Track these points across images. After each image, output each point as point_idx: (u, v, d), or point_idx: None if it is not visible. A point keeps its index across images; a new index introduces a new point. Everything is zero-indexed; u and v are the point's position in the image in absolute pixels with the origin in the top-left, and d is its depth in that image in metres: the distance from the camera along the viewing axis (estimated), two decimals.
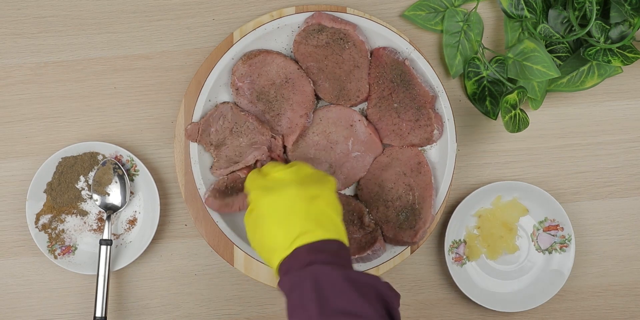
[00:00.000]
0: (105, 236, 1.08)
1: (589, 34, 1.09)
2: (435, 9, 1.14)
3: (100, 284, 1.07)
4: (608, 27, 1.09)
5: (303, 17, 1.10)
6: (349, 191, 1.12)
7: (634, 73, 1.17)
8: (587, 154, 1.16)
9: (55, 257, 1.10)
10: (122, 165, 1.10)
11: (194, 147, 1.09)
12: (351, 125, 1.11)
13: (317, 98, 1.12)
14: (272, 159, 1.09)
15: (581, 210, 1.16)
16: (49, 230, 1.10)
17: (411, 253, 1.12)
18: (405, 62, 1.09)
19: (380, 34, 1.11)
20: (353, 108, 1.12)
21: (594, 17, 1.07)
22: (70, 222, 1.11)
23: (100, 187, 1.10)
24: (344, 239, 0.92)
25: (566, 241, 1.13)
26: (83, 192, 1.11)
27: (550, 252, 1.14)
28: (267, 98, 1.10)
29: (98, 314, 1.06)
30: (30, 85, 1.14)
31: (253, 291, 1.13)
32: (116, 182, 1.10)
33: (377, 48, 1.10)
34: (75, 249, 1.11)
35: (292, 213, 0.92)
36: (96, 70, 1.14)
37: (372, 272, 1.11)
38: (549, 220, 1.14)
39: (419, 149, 1.11)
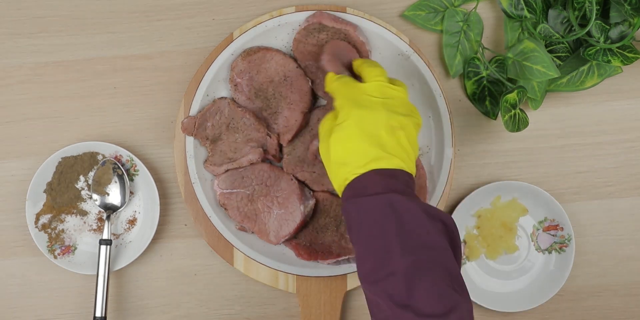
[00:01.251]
0: (105, 236, 1.09)
1: (588, 34, 1.09)
2: (435, 9, 1.14)
3: (100, 283, 1.07)
4: (608, 27, 1.09)
5: (304, 15, 1.10)
6: None
7: (634, 73, 1.17)
8: (587, 154, 1.16)
9: (55, 257, 1.10)
10: (122, 165, 1.10)
11: (189, 141, 1.09)
12: None
13: (315, 97, 1.12)
14: (267, 159, 1.10)
15: (581, 210, 1.16)
16: (49, 230, 1.10)
17: None
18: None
19: (380, 35, 1.11)
20: None
21: (594, 17, 1.07)
22: (70, 222, 1.11)
23: (99, 187, 1.10)
24: (414, 175, 0.92)
25: (566, 241, 1.13)
26: (83, 192, 1.12)
27: (550, 252, 1.14)
28: (265, 95, 1.10)
29: (98, 314, 1.06)
30: (30, 85, 1.14)
31: (253, 291, 1.13)
32: (116, 182, 1.10)
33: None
34: (75, 248, 1.11)
35: (375, 135, 0.90)
36: (96, 70, 1.14)
37: None
38: (549, 220, 1.14)
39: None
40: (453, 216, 1.12)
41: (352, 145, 0.90)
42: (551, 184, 1.16)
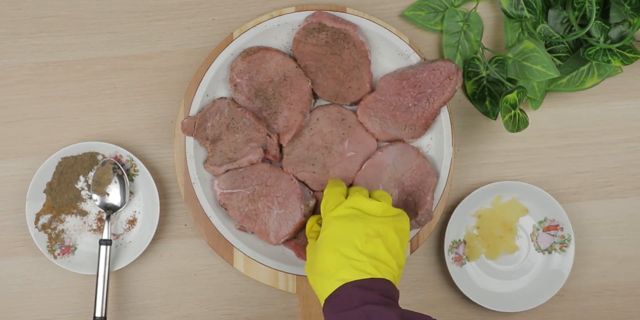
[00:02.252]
0: (105, 236, 1.08)
1: (588, 34, 1.09)
2: (435, 9, 1.14)
3: (100, 283, 1.07)
4: (608, 27, 1.09)
5: (304, 15, 1.10)
6: None
7: (634, 73, 1.17)
8: (587, 154, 1.16)
9: (55, 257, 1.10)
10: (122, 165, 1.10)
11: (189, 141, 1.09)
12: (349, 126, 1.11)
13: (315, 97, 1.12)
14: (267, 159, 1.10)
15: (581, 210, 1.16)
16: (49, 230, 1.10)
17: (411, 253, 1.12)
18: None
19: (380, 35, 1.11)
20: (351, 108, 1.12)
21: (594, 17, 1.07)
22: (70, 222, 1.11)
23: (99, 187, 1.10)
24: (395, 281, 0.92)
25: (566, 241, 1.13)
26: (83, 192, 1.11)
27: (550, 252, 1.14)
28: (265, 95, 1.10)
29: (98, 314, 1.06)
30: (30, 85, 1.14)
31: (253, 291, 1.13)
32: (115, 182, 1.10)
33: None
34: (75, 249, 1.11)
35: (350, 246, 0.91)
36: (96, 70, 1.14)
37: None
38: (549, 220, 1.14)
39: (419, 150, 1.11)
40: (453, 216, 1.12)
41: (327, 257, 0.92)
42: (551, 184, 1.16)
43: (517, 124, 1.07)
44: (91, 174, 1.11)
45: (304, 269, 1.09)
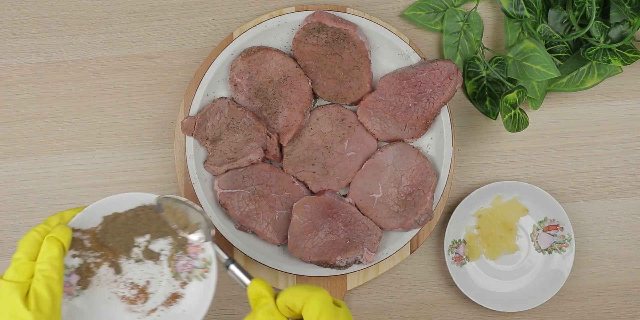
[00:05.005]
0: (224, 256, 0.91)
1: (588, 34, 1.09)
2: (435, 9, 1.14)
3: None
4: (608, 27, 1.09)
5: (304, 15, 1.10)
6: (342, 191, 1.12)
7: (634, 73, 1.17)
8: (587, 154, 1.16)
9: None
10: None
11: (189, 141, 1.09)
12: (349, 126, 1.11)
13: (315, 97, 1.12)
14: (267, 159, 1.10)
15: (581, 210, 1.16)
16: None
17: (411, 253, 1.12)
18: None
19: (380, 35, 1.11)
20: (351, 108, 1.12)
21: (594, 17, 1.07)
22: (100, 271, 0.95)
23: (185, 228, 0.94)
24: None
25: (566, 241, 1.13)
26: (136, 250, 0.95)
27: (550, 252, 1.14)
28: (265, 95, 1.10)
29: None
30: (30, 85, 1.14)
31: None
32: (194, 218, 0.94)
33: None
34: (76, 296, 0.95)
35: None
36: (96, 70, 1.14)
37: (372, 271, 1.11)
38: (549, 220, 1.14)
39: (419, 150, 1.11)
40: (453, 216, 1.12)
41: None
42: (551, 184, 1.16)
43: (517, 124, 1.07)
44: (163, 241, 0.95)
45: (303, 269, 1.09)
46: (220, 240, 1.10)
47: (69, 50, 1.15)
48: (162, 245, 0.95)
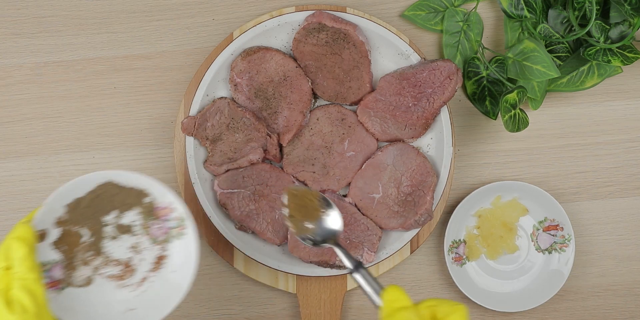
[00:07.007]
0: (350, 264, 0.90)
1: (588, 34, 1.09)
2: (435, 9, 1.14)
3: None
4: (608, 27, 1.09)
5: (304, 15, 1.10)
6: (342, 191, 1.12)
7: (634, 73, 1.17)
8: (587, 154, 1.16)
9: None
10: (165, 220, 0.96)
11: (189, 141, 1.09)
12: (349, 126, 1.11)
13: (315, 97, 1.12)
14: (267, 159, 1.10)
15: (581, 210, 1.16)
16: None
17: (411, 253, 1.12)
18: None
19: (380, 35, 1.11)
20: (351, 108, 1.12)
21: (594, 17, 1.07)
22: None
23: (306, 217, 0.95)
24: None
25: (566, 241, 1.13)
26: (107, 228, 0.96)
27: (550, 252, 1.14)
28: (265, 95, 1.10)
29: None
30: (30, 85, 1.14)
31: (253, 291, 1.13)
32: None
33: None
34: (64, 288, 0.95)
35: None
36: (96, 70, 1.14)
37: (372, 270, 1.11)
38: (549, 220, 1.14)
39: (418, 150, 1.11)
40: (453, 216, 1.12)
41: None
42: (551, 184, 1.16)
43: (517, 124, 1.07)
44: (131, 213, 0.96)
45: (303, 269, 1.09)
46: (220, 241, 1.10)
47: (69, 50, 1.15)
48: (131, 217, 0.96)
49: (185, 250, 0.95)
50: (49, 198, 0.90)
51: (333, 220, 0.95)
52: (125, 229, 0.96)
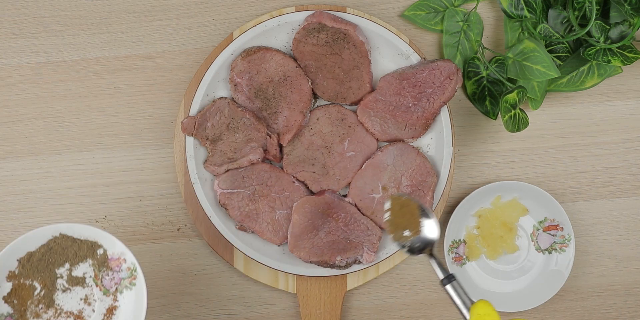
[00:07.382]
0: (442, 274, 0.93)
1: (588, 34, 1.09)
2: (435, 9, 1.14)
3: None
4: (608, 27, 1.09)
5: (304, 15, 1.10)
6: (342, 191, 1.12)
7: (634, 73, 1.17)
8: (587, 154, 1.16)
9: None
10: (117, 271, 0.99)
11: (189, 141, 1.09)
12: (349, 126, 1.11)
13: (315, 97, 1.12)
14: (267, 159, 1.10)
15: (581, 210, 1.16)
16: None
17: None
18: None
19: (380, 35, 1.11)
20: (351, 108, 1.12)
21: (594, 17, 1.07)
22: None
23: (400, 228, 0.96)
24: None
25: (566, 241, 1.13)
26: (59, 281, 0.98)
27: (550, 252, 1.14)
28: (265, 95, 1.10)
29: None
30: (30, 85, 1.14)
31: (253, 291, 1.13)
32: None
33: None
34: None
35: None
36: (96, 70, 1.14)
37: (372, 271, 1.11)
38: (549, 220, 1.14)
39: (419, 149, 1.11)
40: (453, 216, 1.12)
41: None
42: (551, 184, 1.16)
43: (517, 124, 1.07)
44: (83, 265, 0.98)
45: (303, 269, 1.09)
46: (220, 241, 1.10)
47: (69, 50, 1.15)
48: (84, 268, 0.98)
49: (136, 300, 0.97)
50: (0, 253, 0.93)
51: (430, 229, 0.97)
52: (77, 281, 0.98)
